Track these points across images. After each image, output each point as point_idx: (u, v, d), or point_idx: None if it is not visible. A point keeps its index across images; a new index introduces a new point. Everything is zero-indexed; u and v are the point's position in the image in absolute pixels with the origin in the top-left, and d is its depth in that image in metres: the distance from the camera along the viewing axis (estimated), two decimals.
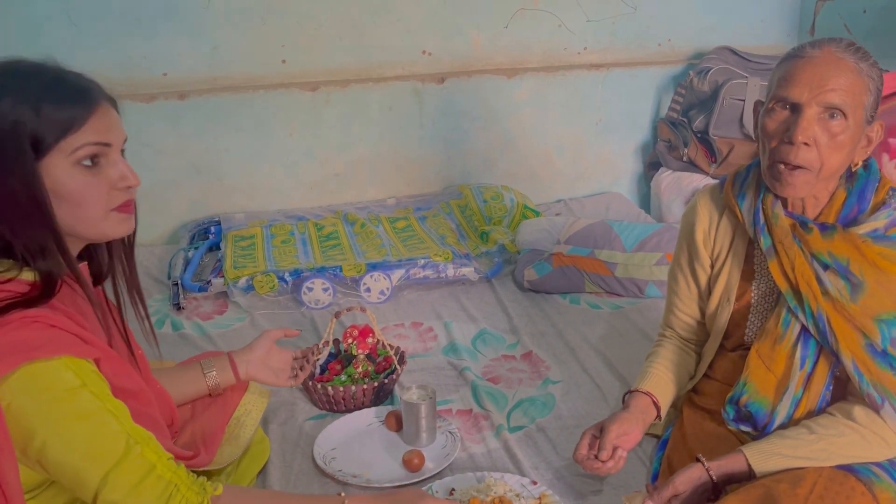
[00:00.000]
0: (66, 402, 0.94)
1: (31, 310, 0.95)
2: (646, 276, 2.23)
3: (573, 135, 3.09)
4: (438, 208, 2.83)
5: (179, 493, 1.00)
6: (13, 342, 0.92)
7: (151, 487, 0.98)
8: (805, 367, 1.26)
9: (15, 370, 0.91)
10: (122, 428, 0.97)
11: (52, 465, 0.95)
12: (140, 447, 0.98)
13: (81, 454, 0.95)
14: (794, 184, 1.21)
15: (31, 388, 0.93)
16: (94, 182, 1.01)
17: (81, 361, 0.96)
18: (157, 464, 0.99)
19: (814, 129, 1.18)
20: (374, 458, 1.56)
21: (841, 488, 1.14)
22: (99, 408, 0.96)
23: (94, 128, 1.00)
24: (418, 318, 2.19)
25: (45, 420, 0.93)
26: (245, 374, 1.45)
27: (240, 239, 2.58)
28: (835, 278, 1.23)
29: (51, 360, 0.94)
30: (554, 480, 1.46)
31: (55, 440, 0.94)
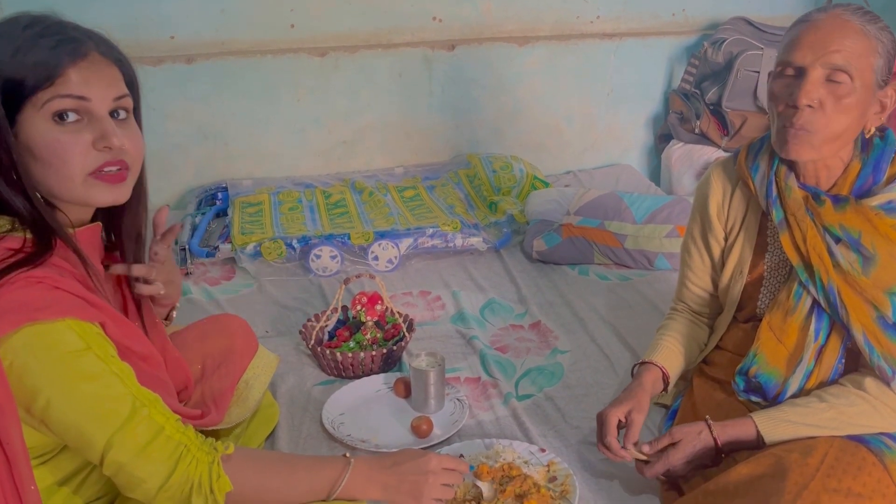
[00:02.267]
0: (69, 364, 0.93)
1: (35, 270, 0.93)
2: (656, 248, 2.21)
3: (583, 105, 3.05)
4: (447, 178, 2.81)
5: (190, 453, 0.99)
6: (16, 301, 0.90)
7: (160, 449, 0.97)
8: (819, 340, 1.26)
9: (17, 330, 0.90)
10: (127, 390, 0.96)
11: (57, 425, 0.94)
12: (147, 409, 0.97)
13: (86, 415, 0.94)
14: (799, 145, 1.20)
15: (34, 348, 0.91)
16: (69, 141, 0.95)
17: (86, 324, 0.94)
18: (165, 425, 0.98)
19: (818, 92, 1.17)
20: (382, 423, 1.56)
21: (852, 459, 1.13)
22: (104, 370, 0.94)
23: (72, 80, 0.94)
24: (426, 287, 2.18)
25: (49, 380, 0.92)
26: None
27: (247, 205, 2.56)
28: (846, 251, 1.22)
29: (54, 321, 0.92)
30: (562, 448, 1.47)
31: (59, 400, 0.92)
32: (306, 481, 1.08)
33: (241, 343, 1.46)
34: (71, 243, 0.99)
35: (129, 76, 1.03)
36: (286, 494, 1.06)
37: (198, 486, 0.98)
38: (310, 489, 1.07)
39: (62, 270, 0.97)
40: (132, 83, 1.04)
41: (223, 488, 0.99)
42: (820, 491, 1.08)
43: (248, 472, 1.04)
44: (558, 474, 1.36)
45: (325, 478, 1.08)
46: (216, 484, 0.99)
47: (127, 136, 0.99)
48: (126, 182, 1.01)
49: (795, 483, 1.09)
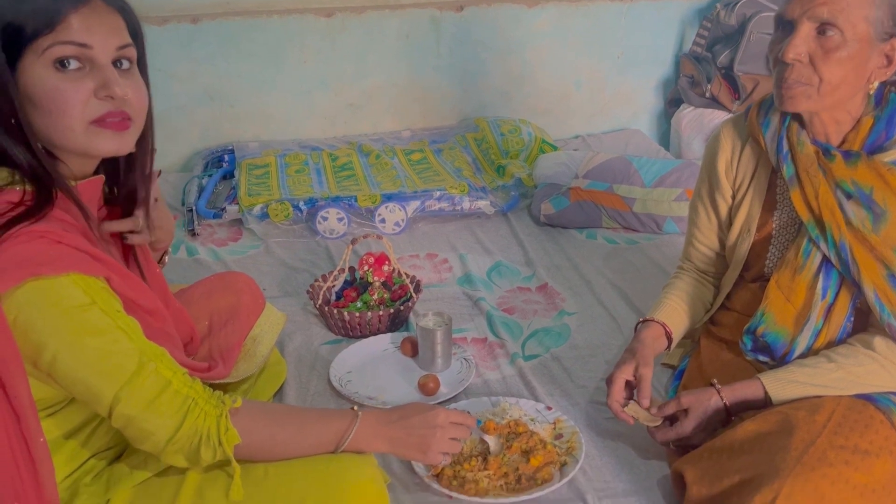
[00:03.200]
0: (74, 319, 0.92)
1: (38, 224, 0.92)
2: (664, 212, 2.20)
3: (593, 68, 3.01)
4: (454, 141, 2.78)
5: (198, 406, 0.99)
6: (19, 256, 0.89)
7: (168, 403, 0.97)
8: (826, 298, 1.25)
9: (20, 284, 0.89)
10: (133, 345, 0.95)
11: (64, 379, 0.94)
12: (154, 364, 0.97)
13: (93, 370, 0.93)
14: (793, 98, 1.20)
15: (38, 302, 0.90)
16: (70, 88, 0.93)
17: (90, 279, 0.93)
18: (172, 379, 0.98)
19: (806, 46, 1.17)
20: (389, 381, 1.57)
21: (860, 416, 1.13)
22: (109, 325, 0.94)
23: (73, 26, 0.93)
24: (433, 250, 2.18)
25: (55, 334, 0.91)
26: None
27: (254, 167, 2.55)
28: (857, 208, 1.21)
29: (58, 276, 0.90)
30: (568, 407, 1.47)
31: (66, 355, 0.92)
32: (314, 434, 1.08)
33: (247, 300, 1.46)
34: (72, 195, 0.98)
35: (132, 25, 1.01)
36: (294, 446, 1.07)
37: (206, 438, 0.99)
38: (318, 441, 1.08)
39: (65, 224, 0.96)
40: (136, 33, 1.02)
41: (232, 441, 1.00)
42: (826, 448, 1.08)
43: (256, 425, 1.04)
44: (564, 432, 1.37)
45: (332, 430, 1.09)
46: (225, 436, 0.99)
47: (130, 87, 0.98)
48: (129, 132, 0.99)
49: (802, 440, 1.09)
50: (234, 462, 1.01)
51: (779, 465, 1.06)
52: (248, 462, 1.05)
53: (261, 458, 1.06)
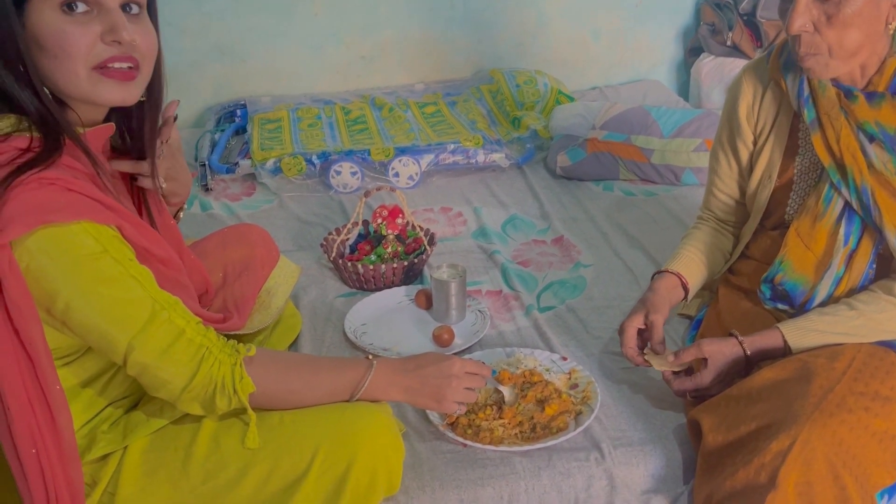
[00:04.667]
0: (87, 267, 0.91)
1: (48, 171, 0.90)
2: (683, 163, 2.15)
3: (611, 18, 2.93)
4: (469, 93, 2.74)
5: (212, 355, 0.99)
6: (30, 203, 0.88)
7: (182, 351, 0.97)
8: (849, 245, 1.22)
9: (32, 232, 0.88)
10: (146, 293, 0.95)
11: (78, 327, 0.94)
12: (167, 312, 0.96)
13: (106, 318, 0.93)
14: (810, 67, 1.17)
15: (50, 250, 0.89)
16: (76, 32, 0.92)
17: (101, 227, 0.93)
18: (185, 328, 0.98)
19: (809, 15, 1.12)
20: (404, 333, 1.57)
21: (881, 363, 1.12)
22: (122, 273, 0.93)
23: None
24: (447, 204, 2.16)
25: (67, 282, 0.91)
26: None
27: (266, 122, 2.53)
28: (880, 151, 1.17)
29: (69, 224, 0.90)
30: (584, 357, 1.46)
31: (79, 302, 0.92)
32: (328, 382, 1.08)
33: (261, 251, 1.46)
34: (80, 143, 0.97)
35: None
36: (309, 395, 1.07)
37: (221, 386, 0.99)
38: (332, 390, 1.08)
39: (75, 172, 0.95)
40: None
41: (246, 389, 1.00)
42: (846, 394, 1.07)
43: (270, 373, 1.05)
44: (580, 381, 1.36)
45: (347, 379, 1.09)
46: (239, 384, 1.00)
47: (138, 32, 0.96)
48: (136, 81, 0.98)
49: (821, 386, 1.08)
50: (249, 410, 1.02)
51: (797, 412, 1.05)
52: (264, 410, 1.05)
53: (276, 406, 1.06)
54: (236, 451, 1.04)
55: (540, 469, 1.20)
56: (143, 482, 1.04)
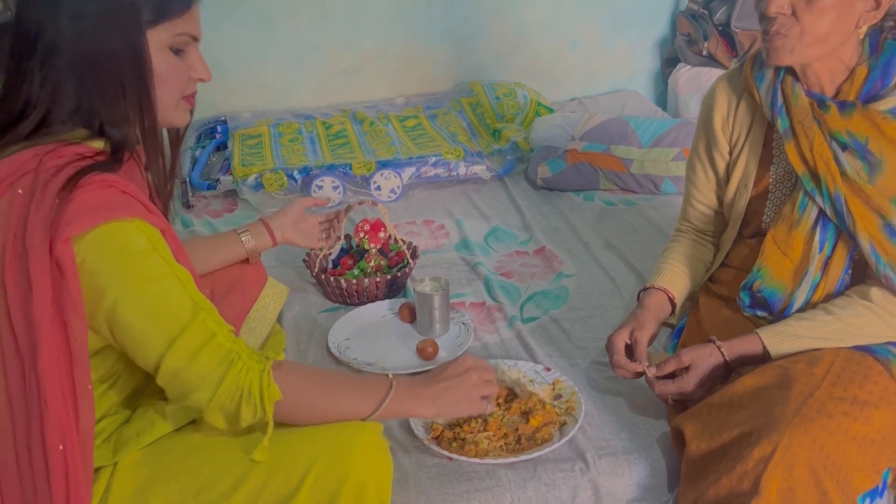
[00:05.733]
0: (137, 264, 0.95)
1: (107, 174, 0.96)
2: (662, 172, 2.18)
3: (588, 29, 2.97)
4: (449, 106, 2.75)
5: (241, 360, 1.00)
6: (94, 201, 0.93)
7: (212, 354, 0.98)
8: (824, 251, 1.24)
9: (93, 228, 0.92)
10: (187, 293, 0.98)
11: (120, 325, 0.96)
12: (203, 314, 0.99)
13: (150, 317, 0.96)
14: (778, 51, 1.19)
15: (106, 246, 0.93)
16: (180, 67, 1.03)
17: (152, 227, 0.98)
18: (217, 332, 0.99)
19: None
20: (388, 347, 1.57)
21: (858, 367, 1.13)
22: (167, 272, 0.97)
23: (193, 19, 1.04)
24: (430, 216, 2.16)
25: (118, 278, 0.94)
26: (281, 237, 1.51)
27: (247, 137, 2.53)
28: (853, 159, 1.19)
29: (127, 220, 0.95)
30: (567, 367, 1.47)
31: (126, 300, 0.95)
32: (352, 397, 1.09)
33: (251, 271, 1.46)
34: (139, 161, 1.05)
35: None
36: (332, 409, 1.07)
37: (248, 394, 0.99)
38: (354, 406, 1.08)
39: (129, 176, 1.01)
40: None
41: (273, 397, 1.00)
42: (825, 399, 1.08)
43: (297, 383, 1.05)
44: (563, 392, 1.37)
45: (370, 395, 1.09)
46: (266, 391, 1.00)
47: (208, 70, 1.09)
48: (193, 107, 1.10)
49: (801, 392, 1.09)
50: (270, 422, 1.01)
51: (777, 418, 1.06)
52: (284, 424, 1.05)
53: (297, 420, 1.06)
54: (229, 464, 1.04)
55: (525, 481, 1.20)
56: (134, 497, 1.04)
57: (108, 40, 0.98)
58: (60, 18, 0.97)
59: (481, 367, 1.17)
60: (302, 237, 1.56)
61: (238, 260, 1.45)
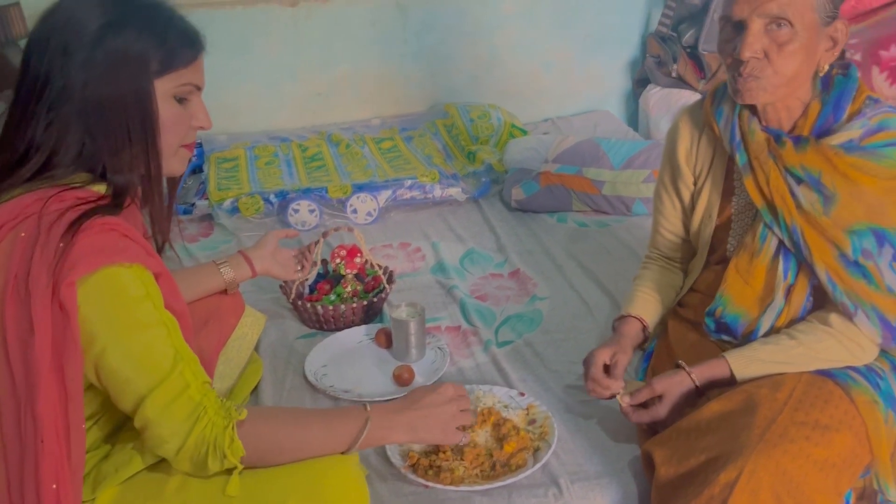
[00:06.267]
0: (129, 311, 0.97)
1: (109, 218, 0.98)
2: (633, 194, 2.22)
3: (561, 51, 3.02)
4: (424, 128, 2.78)
5: (207, 415, 1.01)
6: (95, 245, 0.95)
7: (182, 407, 0.99)
8: (787, 279, 1.28)
9: (95, 271, 0.94)
10: (171, 342, 1.00)
11: (107, 370, 0.97)
12: (182, 364, 1.00)
13: (134, 364, 0.97)
14: (750, 91, 1.23)
15: (102, 292, 0.95)
16: (183, 116, 1.05)
17: (148, 273, 0.99)
18: (191, 384, 1.00)
19: (760, 43, 1.19)
20: (364, 373, 1.58)
21: (819, 392, 1.17)
22: (156, 320, 0.98)
23: (198, 70, 1.06)
24: (406, 239, 2.19)
25: (109, 326, 0.96)
26: (260, 269, 1.53)
27: (223, 161, 2.54)
28: (808, 192, 1.24)
29: (127, 266, 0.96)
30: (541, 392, 1.50)
31: (115, 347, 0.96)
32: (323, 437, 1.09)
33: (228, 301, 1.47)
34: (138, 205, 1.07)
35: None
36: (304, 451, 1.08)
37: (213, 449, 1.01)
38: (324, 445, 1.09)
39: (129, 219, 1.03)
40: None
41: (237, 453, 1.02)
42: (788, 424, 1.12)
43: (264, 436, 1.06)
44: (537, 417, 1.39)
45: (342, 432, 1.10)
46: (229, 448, 1.01)
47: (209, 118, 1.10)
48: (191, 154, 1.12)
49: (764, 417, 1.13)
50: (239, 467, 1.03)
51: (742, 444, 1.10)
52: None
53: (268, 464, 1.07)
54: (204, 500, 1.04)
55: None
56: None
57: (117, 89, 0.99)
58: (70, 65, 0.98)
59: (460, 397, 1.19)
60: (280, 269, 1.59)
61: (217, 291, 1.47)
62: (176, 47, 1.03)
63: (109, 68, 0.99)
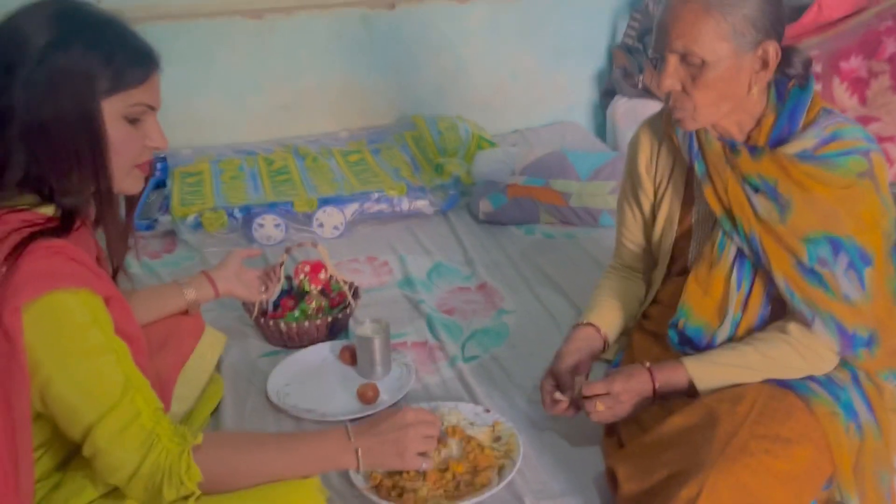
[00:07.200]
0: (74, 339, 0.95)
1: (55, 241, 0.95)
2: (600, 205, 2.23)
3: (527, 62, 3.03)
4: (392, 140, 2.77)
5: (160, 443, 0.99)
6: (41, 270, 0.93)
7: (134, 436, 0.97)
8: (742, 290, 1.29)
9: (39, 297, 0.92)
10: (121, 369, 0.98)
11: (53, 399, 0.95)
12: (133, 392, 0.98)
13: (82, 392, 0.95)
14: (683, 122, 1.26)
15: (45, 319, 0.93)
16: (134, 137, 1.02)
17: (96, 297, 0.97)
18: (143, 411, 0.99)
19: (678, 76, 1.21)
20: (328, 392, 1.56)
21: (780, 405, 1.17)
22: (104, 346, 0.97)
23: (150, 89, 1.03)
24: (373, 253, 2.17)
25: (53, 354, 0.94)
26: (223, 290, 1.51)
27: (187, 175, 2.50)
28: (764, 200, 1.25)
29: (73, 291, 0.94)
30: (507, 408, 1.49)
31: (60, 375, 0.94)
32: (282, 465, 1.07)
33: (187, 322, 1.45)
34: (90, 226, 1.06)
35: None
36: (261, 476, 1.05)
37: (168, 476, 0.98)
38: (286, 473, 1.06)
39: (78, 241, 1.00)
40: None
41: (194, 478, 1.00)
42: (748, 438, 1.12)
43: (221, 461, 1.04)
44: (503, 434, 1.38)
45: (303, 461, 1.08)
46: (186, 474, 0.99)
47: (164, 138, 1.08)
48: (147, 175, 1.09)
49: (725, 431, 1.13)
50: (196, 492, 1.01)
51: (703, 459, 1.09)
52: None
53: (225, 491, 1.04)
54: None
55: None
56: None
57: (61, 109, 0.97)
58: (14, 85, 0.95)
59: (422, 421, 1.16)
60: (243, 289, 1.57)
61: (178, 311, 1.44)
62: (125, 66, 1.00)
63: (53, 88, 0.96)
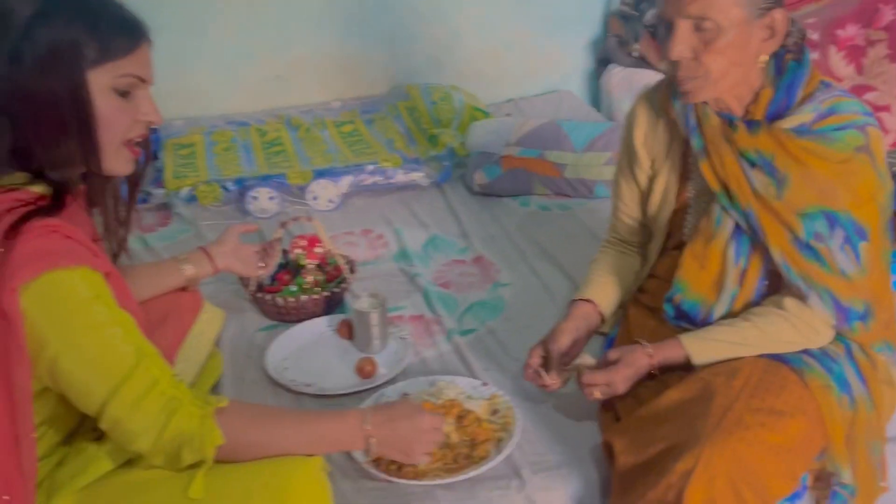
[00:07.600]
0: (79, 314, 0.95)
1: (49, 219, 0.95)
2: (595, 176, 2.22)
3: (522, 31, 2.99)
4: (386, 111, 2.75)
5: (183, 407, 1.00)
6: (37, 249, 0.93)
7: (154, 402, 0.98)
8: (739, 264, 1.30)
9: (38, 277, 0.92)
10: (130, 340, 0.98)
11: (63, 375, 0.96)
12: (147, 361, 0.99)
13: (92, 367, 0.96)
14: (688, 91, 1.24)
15: (48, 297, 0.93)
16: (124, 109, 1.01)
17: (96, 273, 0.96)
18: (160, 378, 0.99)
19: (689, 42, 1.19)
20: (326, 366, 1.57)
21: (774, 378, 1.19)
22: (110, 319, 0.97)
23: (139, 60, 1.01)
24: (368, 226, 2.16)
25: (59, 331, 0.94)
26: (222, 265, 1.51)
27: (179, 147, 2.48)
28: (761, 175, 1.25)
29: (72, 269, 0.94)
30: (503, 381, 1.50)
31: (68, 351, 0.95)
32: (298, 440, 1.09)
33: (186, 298, 1.45)
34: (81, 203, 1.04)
35: None
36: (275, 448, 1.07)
37: (189, 440, 1.00)
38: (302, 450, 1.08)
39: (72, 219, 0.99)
40: None
41: (214, 441, 1.01)
42: (743, 411, 1.13)
43: (242, 429, 1.05)
44: (500, 407, 1.40)
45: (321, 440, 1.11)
46: (208, 437, 1.00)
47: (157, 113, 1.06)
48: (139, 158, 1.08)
49: (720, 405, 1.14)
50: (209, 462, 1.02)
51: (699, 432, 1.11)
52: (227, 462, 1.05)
53: (234, 460, 1.05)
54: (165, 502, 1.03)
55: (463, 501, 1.23)
56: None
57: (46, 81, 0.95)
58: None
59: (436, 429, 1.21)
60: (241, 265, 1.57)
61: (176, 288, 1.44)
62: (111, 36, 0.98)
63: (38, 60, 0.95)
